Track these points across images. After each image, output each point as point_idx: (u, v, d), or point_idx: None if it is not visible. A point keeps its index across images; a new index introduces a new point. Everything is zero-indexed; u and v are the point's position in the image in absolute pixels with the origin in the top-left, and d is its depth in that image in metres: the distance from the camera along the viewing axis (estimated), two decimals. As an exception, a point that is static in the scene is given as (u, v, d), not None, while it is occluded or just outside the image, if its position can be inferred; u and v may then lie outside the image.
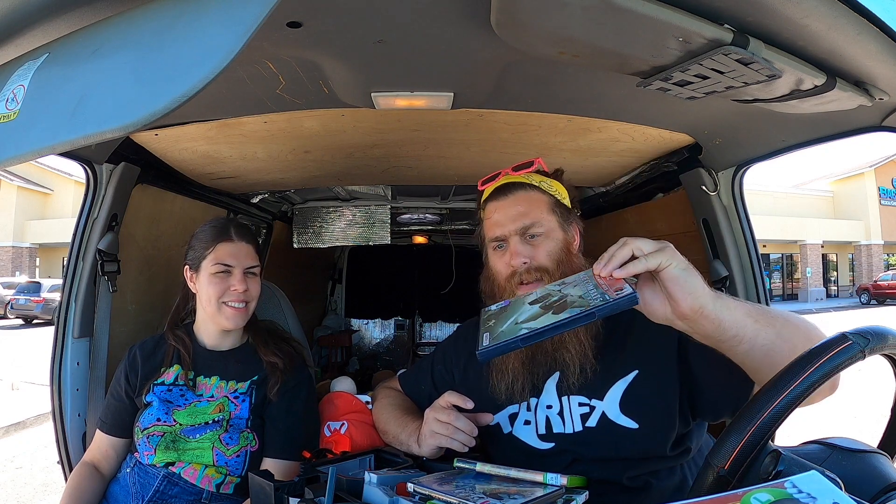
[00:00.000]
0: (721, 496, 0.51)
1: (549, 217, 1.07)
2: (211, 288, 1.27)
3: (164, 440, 1.22)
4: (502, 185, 1.10)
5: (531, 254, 1.03)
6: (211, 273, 1.28)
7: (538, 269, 1.03)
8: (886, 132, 1.12)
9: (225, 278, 1.28)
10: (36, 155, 0.68)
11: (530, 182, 1.09)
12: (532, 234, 1.05)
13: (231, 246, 1.29)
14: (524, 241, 1.04)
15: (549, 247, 1.04)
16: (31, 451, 4.69)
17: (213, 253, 1.28)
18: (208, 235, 1.31)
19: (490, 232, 1.09)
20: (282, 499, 0.87)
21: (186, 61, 0.60)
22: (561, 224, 1.08)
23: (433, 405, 1.08)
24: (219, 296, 1.27)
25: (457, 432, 1.02)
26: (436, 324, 4.66)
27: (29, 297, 15.73)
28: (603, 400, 1.01)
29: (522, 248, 1.04)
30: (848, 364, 0.60)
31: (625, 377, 1.01)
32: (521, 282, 1.04)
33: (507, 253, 1.05)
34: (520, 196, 1.07)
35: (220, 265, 1.28)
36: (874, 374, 1.80)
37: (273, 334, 1.41)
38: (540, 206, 1.07)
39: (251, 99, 1.25)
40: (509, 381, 1.06)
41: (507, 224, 1.05)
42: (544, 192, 1.09)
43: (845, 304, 21.10)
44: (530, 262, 1.03)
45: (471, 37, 0.95)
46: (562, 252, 1.04)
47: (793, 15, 0.74)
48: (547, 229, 1.05)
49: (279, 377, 1.29)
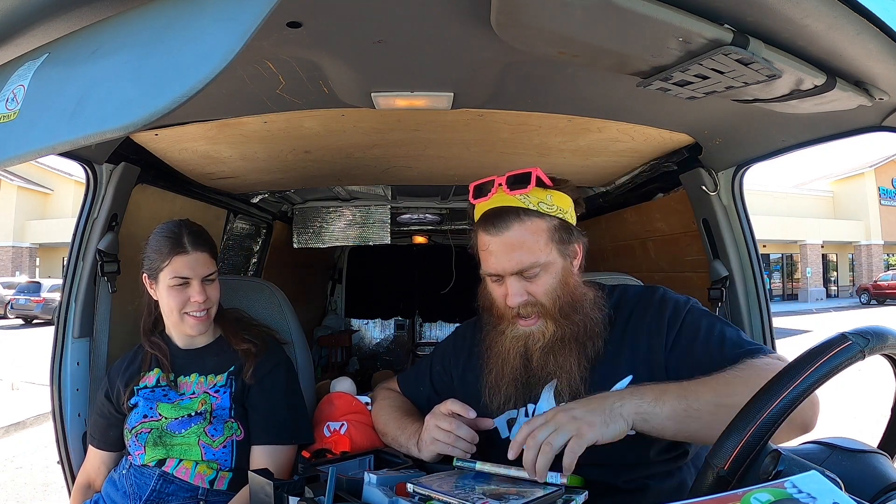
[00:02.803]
0: (721, 496, 0.51)
1: (548, 248, 1.01)
2: (171, 300, 1.27)
3: (151, 436, 1.23)
4: (497, 212, 1.01)
5: (529, 291, 1.01)
6: (169, 286, 1.27)
7: (535, 304, 1.02)
8: (886, 132, 1.12)
9: (183, 290, 1.27)
10: (36, 155, 0.68)
11: (527, 206, 1.00)
12: (529, 275, 1.00)
13: (186, 258, 1.26)
14: (521, 279, 1.01)
15: (546, 283, 1.01)
16: (31, 451, 4.69)
17: (169, 266, 1.26)
18: (162, 247, 1.26)
19: (485, 264, 1.04)
20: (282, 498, 0.87)
21: (186, 61, 0.60)
22: (561, 251, 1.03)
23: (434, 412, 1.07)
24: (180, 307, 1.27)
25: (458, 440, 1.02)
26: (436, 324, 4.66)
27: (29, 297, 15.72)
28: None
29: (519, 288, 1.01)
30: (848, 364, 0.60)
31: (619, 382, 1.01)
32: (518, 315, 1.03)
33: (503, 286, 1.03)
34: (515, 229, 0.99)
35: (178, 278, 1.26)
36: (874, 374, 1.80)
37: (241, 322, 1.41)
38: (538, 237, 1.00)
39: (251, 99, 1.25)
40: (502, 399, 1.07)
41: (503, 263, 1.00)
42: (543, 217, 1.01)
43: (845, 304, 21.10)
44: (528, 299, 1.01)
45: (471, 37, 0.95)
46: (560, 285, 1.02)
47: (793, 15, 0.74)
48: (545, 264, 1.01)
49: (252, 361, 1.30)
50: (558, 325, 1.02)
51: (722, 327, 1.00)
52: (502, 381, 1.07)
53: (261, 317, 1.51)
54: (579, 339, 1.02)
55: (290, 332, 1.56)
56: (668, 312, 1.03)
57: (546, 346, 1.03)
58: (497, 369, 1.07)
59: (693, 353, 0.98)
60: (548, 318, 1.02)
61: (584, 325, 1.03)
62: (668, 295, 1.08)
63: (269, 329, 1.47)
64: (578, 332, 1.02)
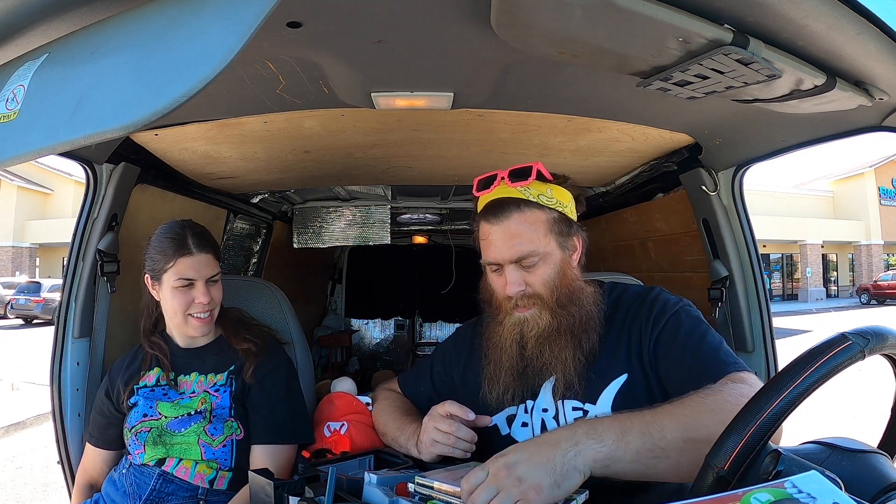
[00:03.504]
0: (721, 496, 0.51)
1: (547, 239, 1.03)
2: (175, 302, 1.27)
3: (150, 435, 1.23)
4: (498, 202, 1.04)
5: (527, 281, 1.03)
6: (173, 287, 1.26)
7: (533, 295, 1.03)
8: (886, 132, 1.12)
9: (188, 291, 1.27)
10: (36, 155, 0.68)
11: (528, 198, 1.03)
12: (528, 264, 1.02)
13: (191, 259, 1.26)
14: (520, 269, 1.02)
15: (544, 274, 1.03)
16: (31, 451, 4.69)
17: (173, 267, 1.25)
18: (167, 248, 1.26)
19: (485, 253, 1.06)
20: (282, 497, 0.87)
21: (186, 61, 0.60)
22: (560, 243, 1.05)
23: (431, 414, 1.07)
24: (184, 309, 1.27)
25: (458, 441, 1.02)
26: (436, 324, 4.66)
27: (29, 297, 15.73)
28: (596, 404, 1.01)
29: (518, 278, 1.02)
30: (848, 364, 0.59)
31: (615, 381, 1.02)
32: (516, 305, 1.04)
33: (503, 276, 1.04)
34: (515, 219, 1.02)
35: (182, 280, 1.26)
36: (874, 374, 1.80)
37: (242, 322, 1.41)
38: (537, 227, 1.02)
39: (251, 99, 1.25)
40: (501, 390, 1.07)
41: (502, 251, 1.02)
42: (543, 208, 1.03)
43: (845, 304, 21.10)
44: (526, 289, 1.03)
45: (471, 37, 0.95)
46: (558, 277, 1.03)
47: (793, 15, 0.74)
48: (544, 254, 1.02)
49: (253, 360, 1.30)
50: (554, 315, 1.03)
51: (704, 332, 0.99)
52: (500, 370, 1.07)
53: (261, 317, 1.52)
54: (574, 331, 1.03)
55: (290, 332, 1.56)
56: (657, 310, 1.04)
57: (541, 335, 1.03)
58: (496, 359, 1.08)
59: (671, 352, 0.99)
60: (544, 309, 1.03)
61: (580, 318, 1.04)
62: (661, 295, 1.09)
63: (270, 329, 1.47)
64: (574, 324, 1.03)
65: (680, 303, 1.06)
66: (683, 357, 0.97)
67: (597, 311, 1.06)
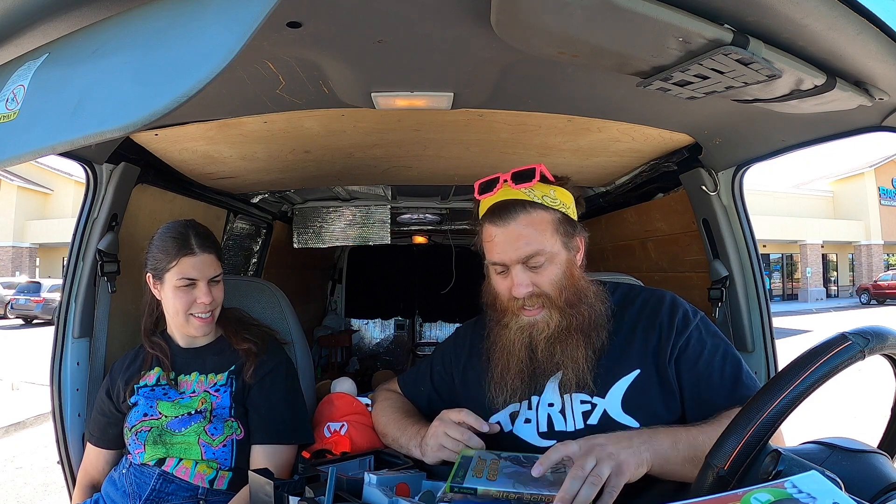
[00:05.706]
0: (721, 496, 0.51)
1: (553, 240, 1.03)
2: (177, 301, 1.27)
3: (150, 435, 1.23)
4: (503, 204, 1.04)
5: (535, 281, 1.02)
6: (176, 286, 1.26)
7: (541, 295, 1.03)
8: (886, 132, 1.12)
9: (190, 291, 1.27)
10: (36, 155, 0.68)
11: (532, 199, 1.03)
12: (535, 265, 1.02)
13: (194, 259, 1.26)
14: (527, 270, 1.02)
15: (552, 274, 1.02)
16: (31, 451, 4.69)
17: (176, 267, 1.25)
18: (169, 248, 1.26)
19: (490, 255, 1.06)
20: (282, 497, 0.87)
21: (186, 61, 0.60)
22: (565, 244, 1.05)
23: (443, 418, 1.06)
24: (185, 309, 1.27)
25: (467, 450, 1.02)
26: (436, 324, 4.66)
27: (29, 297, 15.72)
28: (605, 398, 1.02)
29: (525, 278, 1.02)
30: (848, 364, 0.60)
31: (626, 376, 1.02)
32: (523, 306, 1.04)
33: (509, 278, 1.04)
34: (521, 220, 1.02)
35: (185, 279, 1.26)
36: (874, 374, 1.80)
37: (242, 322, 1.41)
38: (543, 228, 1.02)
39: (251, 99, 1.24)
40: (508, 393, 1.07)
41: (509, 252, 1.02)
42: (547, 209, 1.03)
43: (845, 304, 21.10)
44: (534, 290, 1.02)
45: (471, 37, 0.95)
46: (564, 277, 1.04)
47: (793, 15, 0.74)
48: (550, 254, 1.02)
49: (253, 360, 1.31)
50: (563, 314, 1.03)
51: (725, 351, 1.03)
52: (508, 374, 1.07)
53: (261, 317, 1.51)
54: (584, 329, 1.03)
55: (290, 332, 1.56)
56: (678, 317, 1.05)
57: (551, 337, 1.03)
58: (503, 363, 1.08)
59: (697, 368, 1.01)
60: (553, 309, 1.03)
61: (590, 315, 1.04)
62: (678, 301, 1.10)
63: (270, 329, 1.47)
64: (584, 322, 1.03)
65: (698, 314, 1.08)
66: (710, 376, 1.01)
67: (605, 309, 1.07)
